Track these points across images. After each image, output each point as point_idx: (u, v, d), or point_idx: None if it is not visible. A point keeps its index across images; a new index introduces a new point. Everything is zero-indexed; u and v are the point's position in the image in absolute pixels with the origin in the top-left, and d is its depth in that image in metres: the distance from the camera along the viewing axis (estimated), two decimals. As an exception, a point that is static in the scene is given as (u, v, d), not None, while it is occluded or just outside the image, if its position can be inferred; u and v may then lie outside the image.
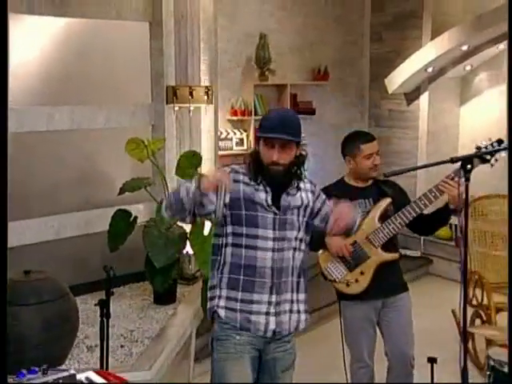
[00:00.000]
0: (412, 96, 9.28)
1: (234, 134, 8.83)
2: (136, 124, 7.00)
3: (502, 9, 7.67)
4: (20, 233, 6.22)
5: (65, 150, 7.02)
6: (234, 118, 8.75)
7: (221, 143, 8.64)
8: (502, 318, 5.92)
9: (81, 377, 3.52)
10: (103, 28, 7.02)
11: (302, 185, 3.94)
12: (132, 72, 7.17)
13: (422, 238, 8.82)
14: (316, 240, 4.52)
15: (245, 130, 8.89)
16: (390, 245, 4.69)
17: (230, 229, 3.84)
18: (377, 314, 4.82)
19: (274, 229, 3.83)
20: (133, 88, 7.25)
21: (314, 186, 4.03)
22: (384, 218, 4.64)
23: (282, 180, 3.84)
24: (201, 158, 6.62)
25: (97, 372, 3.62)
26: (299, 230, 3.92)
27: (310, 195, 3.96)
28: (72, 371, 3.42)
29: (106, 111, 6.78)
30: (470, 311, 6.18)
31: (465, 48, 8.28)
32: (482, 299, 6.01)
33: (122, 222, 5.93)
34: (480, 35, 8.13)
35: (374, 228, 4.61)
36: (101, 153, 7.15)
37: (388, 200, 4.69)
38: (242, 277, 3.82)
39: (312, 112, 9.33)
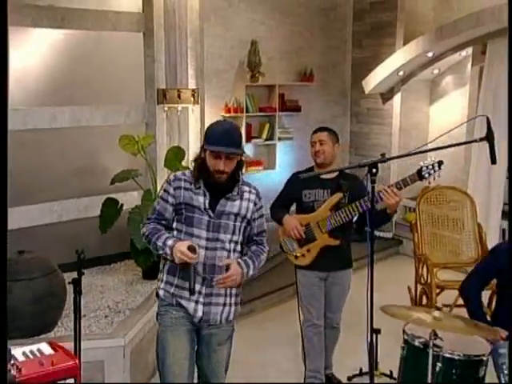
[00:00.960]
0: (387, 96, 9.28)
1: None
2: (131, 122, 7.03)
3: (461, 21, 7.93)
4: (27, 216, 6.38)
5: (66, 146, 7.09)
6: (227, 114, 8.72)
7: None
8: (447, 296, 6.04)
9: (33, 348, 3.69)
10: (101, 38, 7.11)
11: (246, 194, 4.04)
12: (127, 76, 7.22)
13: (394, 221, 8.85)
14: (277, 219, 5.10)
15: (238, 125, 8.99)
16: (337, 232, 4.83)
17: (174, 225, 4.00)
18: (323, 282, 5.02)
19: (207, 230, 3.93)
20: (128, 90, 7.29)
21: (258, 198, 4.12)
22: (336, 208, 4.78)
23: (223, 186, 3.94)
24: (184, 152, 6.69)
25: (50, 343, 3.78)
26: (234, 233, 4.02)
27: (251, 205, 4.05)
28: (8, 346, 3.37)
29: (104, 111, 6.87)
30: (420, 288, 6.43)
31: (430, 55, 8.34)
32: (427, 278, 6.11)
33: (111, 208, 6.09)
34: (442, 44, 8.16)
35: (325, 216, 4.77)
36: (99, 148, 7.19)
37: (339, 195, 4.82)
38: (179, 266, 3.97)
39: (298, 109, 9.39)
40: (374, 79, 8.97)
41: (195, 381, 4.20)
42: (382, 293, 4.94)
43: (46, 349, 3.68)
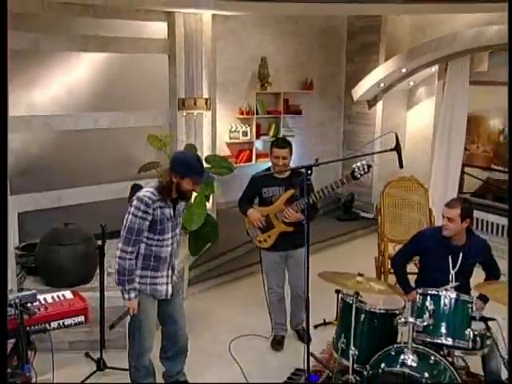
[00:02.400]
0: (372, 102, 9.33)
1: (241, 127, 9.04)
2: (157, 124, 7.17)
3: (426, 45, 8.14)
4: (74, 196, 6.68)
5: (106, 142, 7.33)
6: (241, 116, 9.02)
7: (231, 134, 9.01)
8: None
9: (59, 293, 3.96)
10: (135, 59, 7.34)
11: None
12: (155, 88, 7.40)
13: (376, 205, 8.73)
14: (243, 212, 5.31)
15: (249, 125, 9.10)
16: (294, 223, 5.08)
17: (145, 234, 4.16)
18: (284, 260, 5.30)
19: (172, 231, 4.29)
20: (155, 99, 7.44)
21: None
22: (290, 202, 5.02)
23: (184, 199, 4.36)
24: (196, 148, 6.81)
25: (72, 291, 4.06)
26: (180, 224, 4.45)
27: (183, 204, 4.45)
28: (34, 291, 3.72)
29: (135, 115, 7.07)
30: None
31: (404, 70, 8.44)
32: (383, 251, 6.34)
33: (137, 192, 6.32)
34: (412, 62, 8.29)
35: (281, 209, 5.04)
36: (130, 144, 7.40)
37: (291, 192, 5.05)
38: (151, 263, 4.26)
39: (299, 112, 9.55)
40: (361, 89, 9.04)
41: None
42: (360, 263, 5.33)
43: (68, 295, 4.02)
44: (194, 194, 5.12)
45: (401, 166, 4.54)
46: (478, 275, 4.68)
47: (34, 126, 6.57)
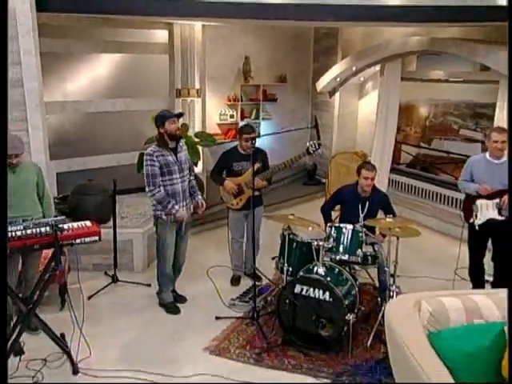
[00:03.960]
0: (331, 93, 9.36)
1: (229, 112, 9.37)
2: (159, 108, 6.20)
3: (368, 49, 8.34)
4: (98, 161, 7.03)
5: (121, 122, 7.49)
6: (229, 103, 9.32)
7: (221, 117, 9.27)
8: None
9: (83, 223, 4.10)
10: (143, 58, 7.50)
11: (182, 147, 4.85)
12: (158, 81, 7.55)
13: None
14: (218, 182, 5.45)
15: (235, 110, 9.38)
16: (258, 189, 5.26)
17: (158, 178, 4.66)
18: (245, 217, 5.46)
19: (179, 172, 4.74)
20: (158, 89, 7.60)
21: (186, 149, 4.93)
22: (256, 173, 5.04)
23: (175, 146, 4.71)
24: (188, 127, 7.05)
25: (91, 221, 4.18)
26: (188, 169, 4.89)
27: (186, 153, 4.90)
28: (63, 217, 4.15)
29: (143, 101, 7.32)
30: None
31: (354, 68, 8.55)
32: None
33: (142, 158, 6.12)
34: (360, 62, 8.43)
35: (249, 179, 5.02)
36: (139, 123, 7.31)
37: (257, 165, 5.12)
38: (167, 197, 4.68)
39: (275, 100, 9.77)
40: (323, 82, 9.12)
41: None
42: (317, 215, 5.44)
43: (88, 223, 4.12)
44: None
45: (318, 138, 5.12)
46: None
47: (66, 109, 6.96)
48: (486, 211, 4.82)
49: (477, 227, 4.86)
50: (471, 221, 4.91)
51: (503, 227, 4.70)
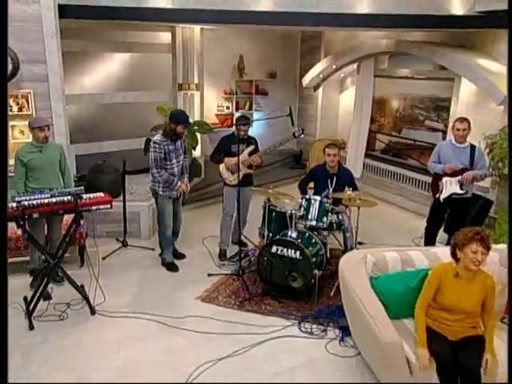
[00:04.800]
0: (316, 88, 9.53)
1: (225, 104, 9.79)
2: (163, 100, 7.36)
3: (346, 49, 8.58)
4: (110, 145, 7.22)
5: (131, 111, 7.54)
6: (225, 96, 9.73)
7: (218, 108, 9.62)
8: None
9: (97, 194, 4.34)
10: (150, 56, 7.67)
11: (180, 139, 5.18)
12: (163, 76, 7.67)
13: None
14: (218, 161, 5.55)
15: (230, 102, 9.81)
16: (251, 167, 5.56)
17: (163, 162, 5.04)
18: (236, 193, 5.35)
19: (175, 158, 5.14)
20: (163, 83, 7.71)
21: (183, 141, 5.21)
22: (251, 154, 5.43)
23: (177, 138, 5.12)
24: (188, 115, 6.72)
25: (104, 193, 4.43)
26: (181, 155, 5.25)
27: (182, 141, 5.23)
28: (82, 187, 4.36)
29: (150, 94, 7.49)
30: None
31: (334, 66, 8.74)
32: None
33: (148, 143, 6.02)
34: (339, 61, 8.68)
35: (245, 158, 5.39)
36: (146, 112, 7.41)
37: (253, 147, 5.48)
38: (171, 176, 5.09)
39: (266, 94, 10.08)
40: (308, 78, 9.27)
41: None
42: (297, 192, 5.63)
43: (102, 194, 4.43)
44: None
45: (292, 124, 5.46)
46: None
47: (84, 101, 7.23)
48: (450, 186, 5.31)
49: (442, 200, 5.37)
50: (437, 196, 5.41)
51: (461, 200, 5.30)
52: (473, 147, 5.26)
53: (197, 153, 7.64)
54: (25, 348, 4.04)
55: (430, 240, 5.66)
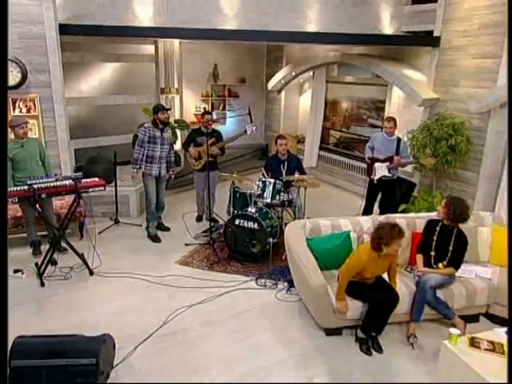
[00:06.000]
0: (279, 91, 9.79)
1: (202, 105, 9.96)
2: (148, 102, 7.47)
3: (303, 59, 8.79)
4: (103, 140, 7.39)
5: (121, 112, 7.79)
6: (202, 98, 9.97)
7: (196, 109, 9.75)
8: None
9: (93, 179, 4.74)
10: (136, 65, 7.95)
11: (167, 130, 5.51)
12: (147, 81, 7.91)
13: None
14: (187, 150, 5.93)
15: (207, 104, 10.01)
16: (213, 155, 5.83)
17: (146, 146, 5.40)
18: (206, 177, 5.67)
19: (160, 145, 5.49)
20: (147, 88, 7.93)
21: (170, 132, 5.56)
22: (212, 144, 5.70)
23: (164, 127, 5.46)
24: (169, 116, 7.01)
25: (99, 178, 4.76)
26: (168, 146, 5.58)
27: (169, 135, 5.57)
28: (80, 173, 4.62)
29: (137, 96, 7.72)
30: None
31: (293, 73, 9.02)
32: None
33: (136, 138, 6.02)
34: (297, 69, 8.98)
35: (208, 147, 5.53)
36: (134, 112, 7.73)
37: (212, 139, 5.78)
38: (149, 159, 5.43)
39: (238, 96, 10.29)
40: (272, 83, 9.59)
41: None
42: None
43: (97, 179, 4.70)
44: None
45: (251, 121, 5.88)
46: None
47: (81, 102, 7.44)
48: (381, 170, 5.88)
49: (375, 181, 5.94)
50: (372, 177, 5.97)
51: (389, 182, 5.87)
52: (399, 140, 5.87)
53: (177, 146, 7.96)
54: (39, 299, 4.55)
55: (367, 213, 6.10)
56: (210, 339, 3.94)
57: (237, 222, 5.38)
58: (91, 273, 5.03)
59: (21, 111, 5.66)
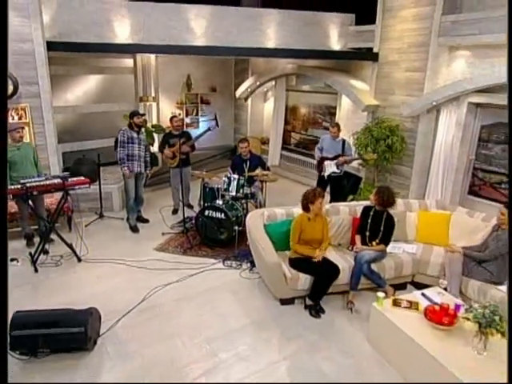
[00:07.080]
0: (246, 98, 9.88)
1: (178, 111, 9.96)
2: (129, 109, 6.90)
3: (266, 70, 8.97)
4: (89, 144, 7.36)
5: (104, 118, 7.69)
6: (177, 105, 9.99)
7: (172, 114, 9.03)
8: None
9: (79, 178, 4.88)
10: (117, 77, 7.84)
11: (142, 134, 5.67)
12: (127, 91, 7.94)
13: None
14: (162, 151, 6.12)
15: (181, 110, 10.04)
16: (185, 153, 6.04)
17: (127, 146, 5.52)
18: (180, 172, 5.81)
19: (138, 144, 5.62)
20: (127, 96, 7.95)
21: (144, 132, 5.67)
22: (183, 143, 5.83)
23: (139, 129, 5.62)
24: (147, 121, 7.50)
25: (84, 177, 4.92)
26: (143, 144, 5.71)
27: (144, 137, 5.70)
28: (67, 173, 4.88)
29: (118, 104, 7.73)
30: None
31: (258, 83, 9.17)
32: None
33: (117, 142, 5.77)
34: (261, 79, 9.14)
35: (179, 147, 5.73)
36: (115, 119, 7.56)
37: (184, 140, 5.91)
38: (130, 157, 5.56)
39: (209, 103, 10.40)
40: (240, 91, 9.66)
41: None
42: None
43: (82, 178, 4.80)
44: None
45: (217, 125, 6.13)
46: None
47: (68, 111, 7.41)
48: (330, 167, 6.20)
49: (325, 177, 6.24)
50: (322, 173, 6.27)
51: (337, 177, 6.22)
52: (344, 141, 6.22)
53: (155, 148, 8.08)
54: (33, 282, 4.74)
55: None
56: (182, 311, 4.19)
57: (206, 212, 5.59)
58: (79, 260, 5.18)
59: (13, 119, 5.75)
